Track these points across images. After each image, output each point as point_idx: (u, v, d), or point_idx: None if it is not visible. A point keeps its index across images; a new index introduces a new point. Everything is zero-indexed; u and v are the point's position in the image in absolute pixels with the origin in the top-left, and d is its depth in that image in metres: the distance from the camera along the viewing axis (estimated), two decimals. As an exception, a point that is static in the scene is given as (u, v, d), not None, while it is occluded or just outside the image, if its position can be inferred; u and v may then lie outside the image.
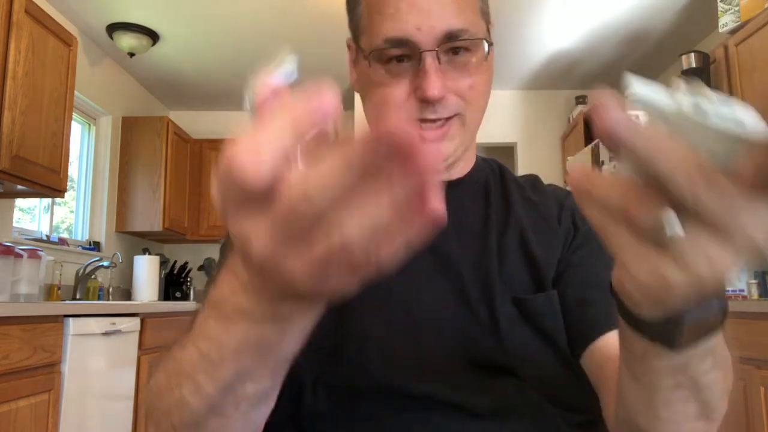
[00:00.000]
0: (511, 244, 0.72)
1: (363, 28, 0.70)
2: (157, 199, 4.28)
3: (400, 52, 0.65)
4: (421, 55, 0.64)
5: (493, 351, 0.65)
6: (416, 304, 0.67)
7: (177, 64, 4.29)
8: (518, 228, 0.73)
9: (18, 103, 2.50)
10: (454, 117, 0.68)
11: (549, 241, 0.72)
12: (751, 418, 2.23)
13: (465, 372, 0.64)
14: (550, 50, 4.14)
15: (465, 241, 0.71)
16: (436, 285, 0.68)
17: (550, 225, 0.74)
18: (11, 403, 1.95)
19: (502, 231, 0.73)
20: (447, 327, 0.66)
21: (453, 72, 0.67)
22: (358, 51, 0.73)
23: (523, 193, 0.79)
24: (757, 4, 2.77)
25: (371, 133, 0.27)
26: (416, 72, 0.65)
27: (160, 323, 3.11)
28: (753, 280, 2.75)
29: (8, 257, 2.45)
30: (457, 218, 0.72)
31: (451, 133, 0.68)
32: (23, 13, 2.54)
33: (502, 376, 0.64)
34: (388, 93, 0.67)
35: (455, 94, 0.67)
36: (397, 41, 0.65)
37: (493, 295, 0.67)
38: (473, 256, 0.70)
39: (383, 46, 0.65)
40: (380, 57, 0.67)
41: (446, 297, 0.68)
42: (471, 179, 0.78)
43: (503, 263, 0.70)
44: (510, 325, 0.66)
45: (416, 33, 0.64)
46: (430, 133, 0.67)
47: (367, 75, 0.70)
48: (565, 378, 0.65)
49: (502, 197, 0.78)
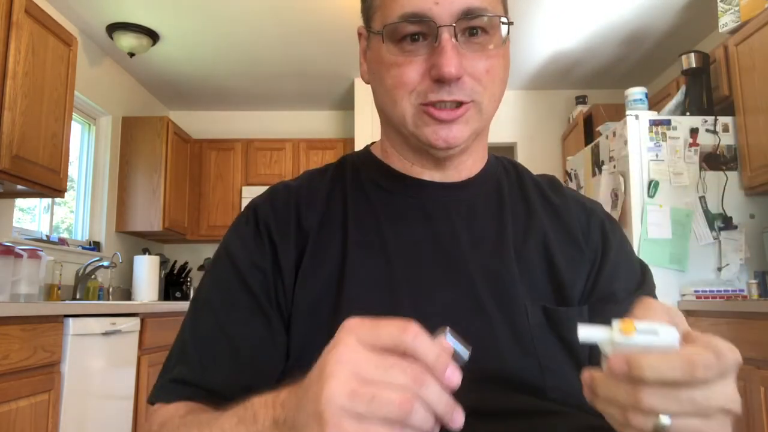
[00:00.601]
0: (533, 251, 0.69)
1: (377, 6, 0.68)
2: (157, 199, 4.28)
3: (416, 28, 0.63)
4: (438, 30, 0.62)
5: (509, 359, 0.63)
6: (427, 313, 0.64)
7: (177, 64, 4.29)
8: (540, 234, 0.71)
9: (18, 103, 2.50)
10: (470, 103, 0.65)
11: (572, 256, 0.70)
12: (751, 418, 2.23)
13: (477, 379, 0.63)
14: (550, 50, 4.14)
15: (477, 244, 0.69)
16: (447, 292, 0.66)
17: (574, 236, 0.72)
18: (11, 403, 1.95)
19: (523, 237, 0.70)
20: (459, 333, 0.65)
21: (469, 53, 0.64)
22: (369, 37, 0.71)
23: (544, 195, 0.76)
24: (757, 4, 2.77)
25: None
26: (432, 50, 0.63)
27: (160, 323, 3.11)
28: (753, 280, 2.75)
29: (8, 257, 2.45)
30: (468, 220, 0.70)
31: (466, 117, 0.66)
32: (23, 13, 2.54)
33: (516, 382, 0.62)
34: (401, 73, 0.65)
35: (471, 77, 0.64)
36: (413, 16, 0.62)
37: (511, 303, 0.65)
38: (486, 260, 0.68)
39: (398, 22, 0.63)
40: (394, 34, 0.64)
41: (458, 304, 0.65)
42: (482, 179, 0.75)
43: (525, 271, 0.67)
44: (533, 335, 0.64)
45: (434, 7, 0.62)
46: (445, 113, 0.64)
47: (380, 56, 0.67)
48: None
49: (521, 199, 0.75)
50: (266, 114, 5.33)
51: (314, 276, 0.67)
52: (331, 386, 0.39)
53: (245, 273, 0.67)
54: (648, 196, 2.92)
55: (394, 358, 0.40)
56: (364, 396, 0.38)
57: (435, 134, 0.66)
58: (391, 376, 0.39)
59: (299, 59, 4.21)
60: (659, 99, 3.79)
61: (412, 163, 0.73)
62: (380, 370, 0.39)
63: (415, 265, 0.67)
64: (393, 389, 0.38)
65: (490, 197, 0.74)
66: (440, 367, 0.39)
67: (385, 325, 0.41)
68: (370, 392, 0.38)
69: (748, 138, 2.83)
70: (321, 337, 0.42)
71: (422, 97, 0.65)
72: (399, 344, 0.40)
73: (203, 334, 0.66)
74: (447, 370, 0.40)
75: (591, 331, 0.42)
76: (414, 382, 0.39)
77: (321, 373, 0.40)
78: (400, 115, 0.67)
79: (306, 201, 0.72)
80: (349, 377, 0.39)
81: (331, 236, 0.69)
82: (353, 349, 0.40)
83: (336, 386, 0.38)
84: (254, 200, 0.75)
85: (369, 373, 0.39)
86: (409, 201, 0.72)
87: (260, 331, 0.65)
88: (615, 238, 0.74)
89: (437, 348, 0.40)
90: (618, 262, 0.72)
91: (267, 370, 0.65)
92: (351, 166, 0.77)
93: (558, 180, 0.80)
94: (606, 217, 0.77)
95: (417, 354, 0.40)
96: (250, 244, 0.69)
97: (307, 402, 0.41)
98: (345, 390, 0.38)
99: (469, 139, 0.68)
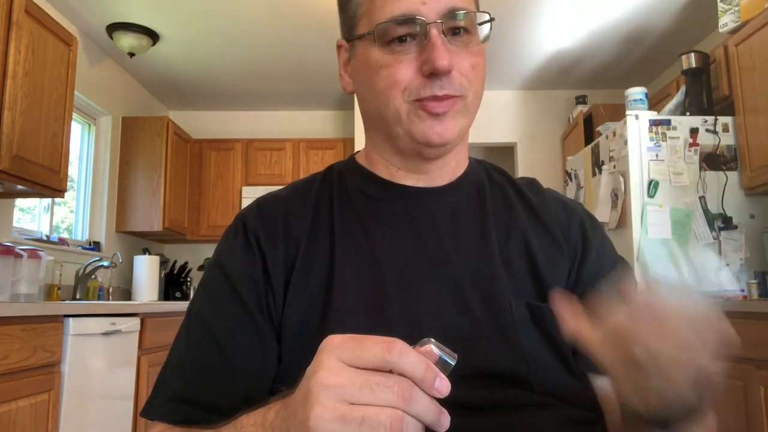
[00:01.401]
0: (515, 250, 0.71)
1: (362, 13, 0.69)
2: (157, 199, 4.28)
3: (406, 30, 0.65)
4: (428, 27, 0.64)
5: (496, 355, 0.64)
6: (414, 314, 0.66)
7: (177, 64, 4.29)
8: (521, 234, 0.73)
9: (18, 103, 2.50)
10: (459, 97, 0.68)
11: (553, 254, 0.72)
12: (751, 418, 2.23)
13: (466, 376, 0.63)
14: (550, 50, 4.14)
15: (461, 247, 0.71)
16: (433, 293, 0.67)
17: (554, 235, 0.74)
18: (11, 403, 1.95)
19: (505, 236, 0.72)
20: (447, 335, 0.65)
21: (455, 50, 0.67)
22: (352, 46, 0.73)
23: (523, 195, 0.78)
24: (757, 4, 2.77)
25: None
26: (422, 48, 0.65)
27: (160, 323, 3.11)
28: (753, 280, 2.75)
29: (8, 257, 2.45)
30: (453, 224, 0.72)
31: (455, 110, 0.68)
32: (23, 13, 2.54)
33: (504, 377, 0.63)
34: (393, 73, 0.66)
35: (459, 72, 0.67)
36: (403, 18, 0.65)
37: (496, 301, 0.67)
38: (471, 262, 0.69)
39: (389, 25, 0.65)
40: (384, 36, 0.66)
41: (445, 305, 0.67)
42: (465, 182, 0.77)
43: (509, 269, 0.69)
44: (518, 331, 0.65)
45: (422, 7, 0.64)
46: (438, 104, 0.66)
47: (368, 61, 0.69)
48: (570, 380, 0.65)
49: (502, 200, 0.77)
50: (266, 114, 5.33)
51: (304, 283, 0.68)
52: (316, 412, 0.39)
53: (236, 283, 0.68)
54: (648, 196, 2.92)
55: (378, 376, 0.40)
56: (354, 420, 0.38)
57: (431, 129, 0.67)
58: (378, 397, 0.39)
59: (299, 59, 4.21)
60: (659, 99, 3.79)
61: (398, 168, 0.75)
62: (366, 390, 0.39)
63: (401, 268, 0.69)
64: (381, 409, 0.39)
65: (473, 199, 0.76)
66: (429, 381, 0.40)
67: (369, 345, 0.41)
68: (360, 415, 0.39)
69: (748, 138, 2.83)
70: (311, 344, 0.43)
71: (415, 94, 0.66)
72: (384, 364, 0.40)
73: (196, 346, 0.67)
74: (435, 381, 0.40)
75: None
76: (402, 399, 0.39)
77: (306, 398, 0.41)
78: (394, 114, 0.68)
79: (294, 211, 0.73)
80: (335, 402, 0.39)
81: (320, 244, 0.71)
82: (336, 372, 0.40)
83: (322, 412, 0.39)
84: (242, 211, 0.76)
85: (355, 396, 0.39)
86: (394, 207, 0.73)
87: (252, 341, 0.66)
88: (596, 236, 0.76)
89: (424, 362, 0.41)
90: (600, 259, 0.74)
91: (260, 379, 0.66)
92: (337, 175, 0.79)
93: (538, 182, 0.82)
94: (586, 216, 0.79)
95: (404, 372, 0.40)
96: (240, 254, 0.70)
97: (295, 429, 0.42)
98: (332, 415, 0.39)
99: (459, 135, 0.70)
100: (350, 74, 0.75)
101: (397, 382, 0.40)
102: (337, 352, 0.41)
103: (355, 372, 0.40)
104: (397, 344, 0.40)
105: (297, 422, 0.42)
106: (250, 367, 0.65)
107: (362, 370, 0.40)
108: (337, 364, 0.41)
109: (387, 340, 0.41)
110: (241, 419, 0.52)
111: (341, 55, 0.76)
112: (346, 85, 0.77)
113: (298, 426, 0.41)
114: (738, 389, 2.31)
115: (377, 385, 0.39)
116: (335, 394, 0.40)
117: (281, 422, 0.46)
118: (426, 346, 0.43)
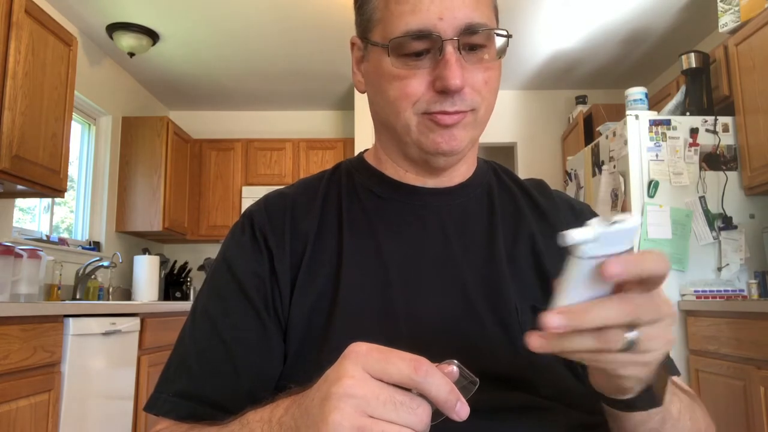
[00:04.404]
0: (522, 253, 0.71)
1: (377, 20, 0.68)
2: (157, 199, 4.28)
3: (422, 45, 0.65)
4: (443, 44, 0.64)
5: (501, 358, 0.64)
6: (419, 315, 0.65)
7: (177, 64, 4.29)
8: (529, 236, 0.72)
9: (18, 103, 2.50)
10: (469, 111, 0.67)
11: (560, 257, 0.72)
12: (751, 418, 2.23)
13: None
14: (550, 50, 4.14)
15: (469, 248, 0.70)
16: (439, 294, 0.67)
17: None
18: (11, 403, 1.95)
19: (512, 239, 0.72)
20: (452, 336, 0.65)
21: (469, 65, 0.66)
22: (366, 47, 0.72)
23: (531, 198, 0.78)
24: (757, 4, 2.77)
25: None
26: (436, 63, 0.65)
27: (160, 323, 3.11)
28: (753, 280, 2.75)
29: (8, 257, 2.45)
30: (460, 225, 0.72)
31: (465, 122, 0.67)
32: (23, 13, 2.54)
33: (508, 381, 0.63)
34: (405, 85, 0.66)
35: (471, 87, 0.66)
36: (419, 33, 0.64)
37: (503, 303, 0.66)
38: (478, 263, 0.69)
39: (404, 39, 0.64)
40: (398, 50, 0.65)
41: (451, 307, 0.66)
42: (474, 183, 0.77)
43: (515, 272, 0.69)
44: (523, 334, 0.65)
45: (438, 23, 0.64)
46: (449, 117, 0.66)
47: (381, 69, 0.68)
48: (575, 384, 0.65)
49: (510, 203, 0.76)
50: (266, 114, 5.33)
51: (311, 281, 0.68)
52: (335, 418, 0.39)
53: (243, 280, 0.68)
54: (648, 196, 2.92)
55: (403, 396, 0.40)
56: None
57: (440, 138, 0.67)
58: (400, 417, 0.40)
59: (299, 59, 4.21)
60: (659, 99, 3.79)
61: (406, 170, 0.75)
62: (390, 407, 0.40)
63: (408, 269, 0.68)
64: (401, 429, 0.39)
65: (481, 201, 0.76)
66: (451, 404, 0.41)
67: (396, 360, 0.41)
68: (379, 430, 0.39)
69: (748, 138, 2.83)
70: (317, 342, 0.43)
71: (425, 107, 0.66)
72: (409, 382, 0.40)
73: (202, 342, 0.67)
74: (457, 405, 0.41)
75: (575, 233, 0.44)
76: (422, 423, 0.40)
77: (324, 402, 0.41)
78: (403, 125, 0.68)
79: (301, 208, 0.73)
80: (355, 412, 0.39)
81: (327, 242, 0.70)
82: (361, 382, 0.40)
83: (340, 419, 0.39)
84: (250, 208, 0.76)
85: (377, 410, 0.40)
86: (402, 207, 0.73)
87: (258, 338, 0.66)
88: None
89: (448, 384, 0.41)
90: None
91: (265, 376, 0.65)
92: (345, 174, 0.78)
93: (546, 184, 0.82)
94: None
95: (428, 392, 0.40)
96: (247, 251, 0.70)
97: (306, 428, 0.42)
98: (351, 424, 0.39)
99: (468, 146, 0.70)
100: (363, 74, 0.75)
101: (421, 405, 0.40)
102: (363, 362, 0.41)
103: (379, 386, 0.40)
104: (423, 364, 0.40)
105: (310, 422, 0.41)
106: (255, 364, 0.65)
107: (386, 384, 0.41)
108: (362, 374, 0.41)
109: (414, 358, 0.41)
110: (247, 415, 0.52)
111: (355, 52, 0.75)
112: (358, 84, 0.76)
113: (310, 426, 0.41)
114: (738, 389, 2.31)
115: (402, 405, 0.40)
116: (357, 404, 0.39)
117: (291, 419, 0.46)
118: (450, 367, 0.43)
